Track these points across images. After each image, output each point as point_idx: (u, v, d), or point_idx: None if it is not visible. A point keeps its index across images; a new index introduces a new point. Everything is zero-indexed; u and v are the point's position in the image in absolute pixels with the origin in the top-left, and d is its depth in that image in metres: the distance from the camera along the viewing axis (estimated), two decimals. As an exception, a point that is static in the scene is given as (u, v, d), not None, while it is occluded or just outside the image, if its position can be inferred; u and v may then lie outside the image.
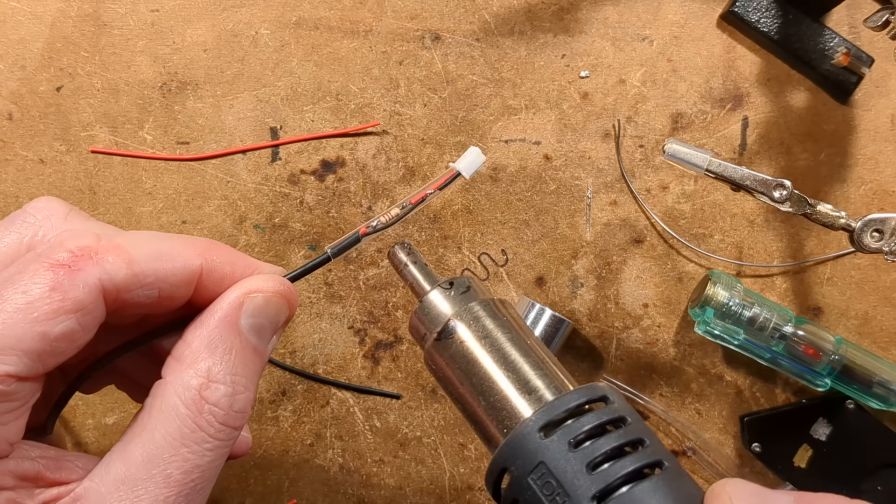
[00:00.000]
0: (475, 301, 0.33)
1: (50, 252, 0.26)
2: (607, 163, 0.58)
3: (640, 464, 0.27)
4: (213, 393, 0.26)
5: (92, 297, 0.25)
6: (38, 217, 0.29)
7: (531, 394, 0.30)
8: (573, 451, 0.27)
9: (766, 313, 0.53)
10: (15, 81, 0.58)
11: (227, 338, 0.28)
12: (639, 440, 0.28)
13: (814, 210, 0.47)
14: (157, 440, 0.26)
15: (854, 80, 0.57)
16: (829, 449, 0.55)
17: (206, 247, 0.29)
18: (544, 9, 0.59)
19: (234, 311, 0.28)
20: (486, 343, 0.31)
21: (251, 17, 0.58)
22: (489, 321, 0.32)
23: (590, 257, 0.57)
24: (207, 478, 0.26)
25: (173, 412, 0.26)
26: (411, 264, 0.35)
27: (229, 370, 0.27)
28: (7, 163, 0.57)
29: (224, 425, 0.27)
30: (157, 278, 0.27)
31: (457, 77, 0.58)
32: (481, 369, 0.31)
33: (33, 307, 0.24)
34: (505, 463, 0.28)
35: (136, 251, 0.27)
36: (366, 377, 0.57)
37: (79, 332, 0.25)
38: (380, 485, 0.56)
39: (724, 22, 0.59)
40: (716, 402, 0.57)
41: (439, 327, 0.32)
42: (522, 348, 0.31)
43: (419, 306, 0.34)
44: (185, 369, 0.27)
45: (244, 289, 0.29)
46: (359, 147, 0.58)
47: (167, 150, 0.58)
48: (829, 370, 0.53)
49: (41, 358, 0.24)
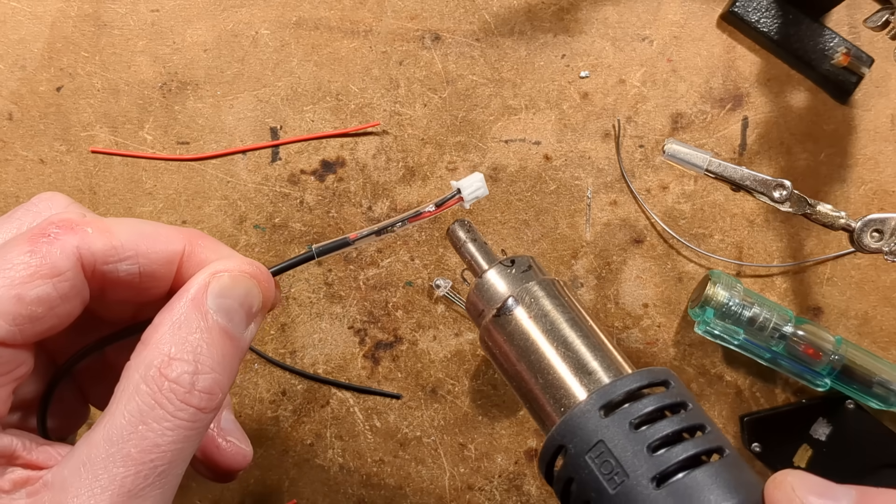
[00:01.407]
0: (535, 280, 0.33)
1: (35, 227, 0.26)
2: (607, 163, 0.58)
3: (700, 449, 0.27)
4: (172, 370, 0.26)
5: (69, 263, 0.25)
6: (40, 207, 0.30)
7: (590, 374, 0.30)
8: (634, 431, 0.27)
9: (766, 313, 0.53)
10: (15, 81, 0.58)
11: (192, 318, 0.27)
12: (699, 426, 0.28)
13: (814, 210, 0.47)
14: (117, 420, 0.25)
15: (854, 80, 0.57)
16: (828, 449, 0.55)
17: (192, 234, 0.29)
18: (544, 9, 0.59)
19: (200, 292, 0.27)
20: (544, 322, 0.31)
21: (251, 17, 0.58)
22: (548, 301, 0.32)
23: (590, 257, 0.57)
24: (169, 460, 0.26)
25: (134, 391, 0.26)
26: (470, 242, 0.35)
27: (192, 349, 0.27)
28: (7, 163, 0.57)
29: (185, 403, 0.26)
30: (136, 252, 0.27)
31: (457, 77, 0.58)
32: (539, 348, 0.31)
33: (10, 271, 0.24)
34: (562, 440, 0.28)
35: (117, 227, 0.27)
36: (366, 377, 0.57)
37: (56, 299, 0.25)
38: (380, 485, 0.56)
39: (724, 22, 0.59)
40: (716, 402, 0.57)
41: (498, 304, 0.32)
42: (582, 330, 0.31)
43: (478, 283, 0.34)
44: (149, 350, 0.26)
45: (211, 269, 0.28)
46: (359, 147, 0.58)
47: (167, 150, 0.58)
48: (828, 370, 0.53)
49: (17, 322, 0.24)
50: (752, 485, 0.27)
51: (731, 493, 0.26)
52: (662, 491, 0.26)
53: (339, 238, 0.33)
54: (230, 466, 0.32)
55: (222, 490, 0.56)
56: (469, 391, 0.57)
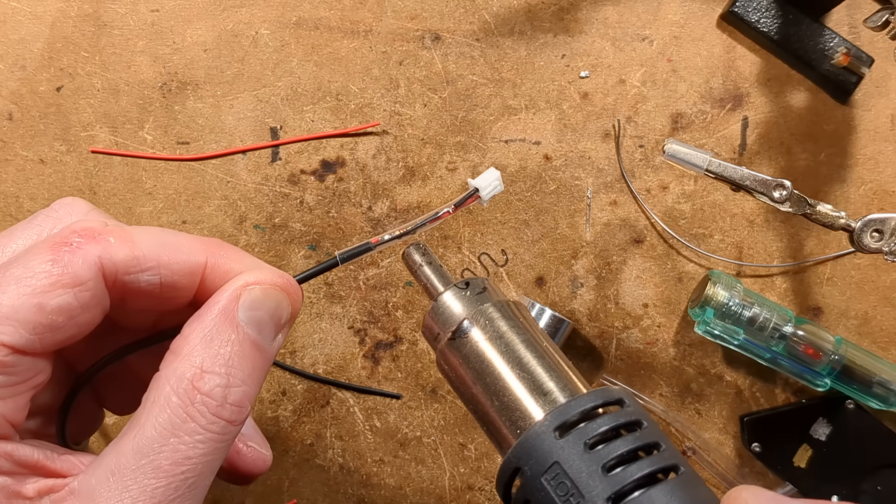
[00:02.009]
0: (490, 302, 0.33)
1: (56, 234, 0.26)
2: (607, 163, 0.58)
3: (656, 467, 0.27)
4: (205, 383, 0.26)
5: (90, 273, 0.25)
6: (60, 213, 0.30)
7: (545, 395, 0.30)
8: (588, 452, 0.27)
9: (766, 313, 0.53)
10: (15, 81, 0.58)
11: (223, 330, 0.27)
12: (654, 444, 0.28)
13: (814, 210, 0.47)
14: (147, 431, 0.25)
15: (854, 80, 0.57)
16: (828, 449, 0.55)
17: (214, 244, 0.29)
18: (544, 9, 0.59)
19: (231, 304, 0.27)
20: (500, 344, 0.31)
21: (251, 17, 0.58)
22: (503, 322, 0.32)
23: (590, 257, 0.57)
24: (199, 472, 0.26)
25: (165, 403, 0.26)
26: (426, 265, 0.35)
27: (224, 361, 0.27)
28: (7, 163, 0.57)
29: (216, 416, 0.26)
30: (158, 264, 0.27)
31: (457, 77, 0.58)
32: (495, 370, 0.31)
33: (31, 280, 0.24)
34: (518, 462, 0.28)
35: (140, 237, 0.27)
36: (366, 377, 0.57)
37: (76, 308, 0.25)
38: (380, 485, 0.56)
39: (724, 22, 0.59)
40: (716, 402, 0.57)
41: (453, 327, 0.32)
42: (537, 350, 0.31)
43: (433, 306, 0.34)
44: (181, 361, 0.26)
45: (241, 281, 0.28)
46: (359, 147, 0.58)
47: (167, 150, 0.58)
48: (828, 370, 0.53)
49: (37, 331, 0.24)
50: (708, 502, 0.27)
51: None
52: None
53: (361, 244, 0.33)
54: (251, 471, 0.32)
55: (222, 490, 0.56)
56: (469, 391, 0.57)
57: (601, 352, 0.57)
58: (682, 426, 0.57)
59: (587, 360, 0.57)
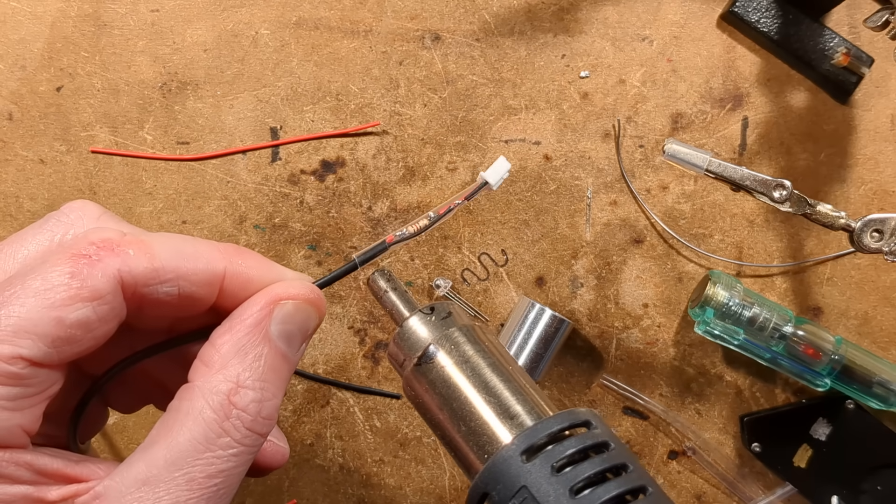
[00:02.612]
0: (455, 327, 0.32)
1: (73, 244, 0.26)
2: (607, 163, 0.58)
3: (623, 489, 0.27)
4: (241, 398, 0.27)
5: (110, 286, 0.25)
6: (72, 217, 0.29)
7: (512, 419, 0.30)
8: (556, 475, 0.27)
9: (766, 313, 0.53)
10: (15, 81, 0.58)
11: (257, 344, 0.28)
12: (622, 465, 0.28)
13: (814, 210, 0.47)
14: (181, 443, 0.26)
15: (854, 80, 0.57)
16: (828, 449, 0.55)
17: (232, 251, 0.29)
18: (544, 9, 0.59)
19: (265, 318, 0.28)
20: (465, 368, 0.31)
21: (251, 17, 0.58)
22: (469, 346, 0.32)
23: (590, 257, 0.57)
24: (230, 483, 0.26)
25: (200, 416, 0.26)
26: (391, 291, 0.35)
27: (259, 376, 0.27)
28: (7, 163, 0.57)
29: (250, 431, 0.27)
30: (177, 275, 0.27)
31: (457, 77, 0.58)
32: (461, 395, 0.31)
33: (50, 293, 0.24)
34: (486, 488, 0.28)
35: (158, 247, 0.27)
36: (366, 377, 0.57)
37: (95, 322, 0.25)
38: (380, 485, 0.56)
39: (724, 22, 0.59)
40: (716, 402, 0.57)
41: (419, 353, 0.32)
42: (503, 374, 0.31)
43: (398, 332, 0.33)
44: (215, 374, 0.27)
45: (275, 294, 0.29)
46: (359, 147, 0.58)
47: (167, 150, 0.58)
48: (828, 370, 0.53)
49: (55, 344, 0.24)
50: None
51: None
52: None
53: (376, 244, 0.33)
54: (270, 465, 0.33)
55: (222, 490, 0.56)
56: (469, 391, 0.57)
57: (601, 352, 0.57)
58: (682, 426, 0.57)
59: (587, 360, 0.57)
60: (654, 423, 0.57)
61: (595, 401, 0.57)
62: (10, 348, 0.23)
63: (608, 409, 0.57)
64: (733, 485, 0.56)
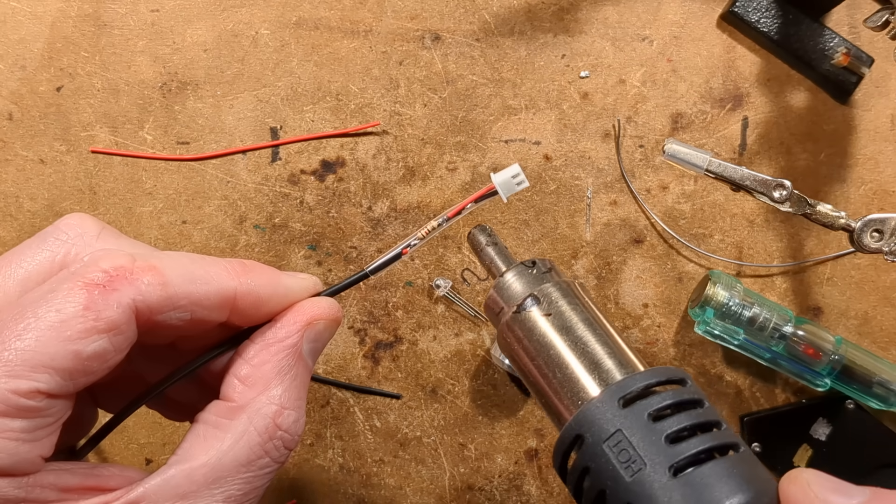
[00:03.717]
0: (554, 281, 0.34)
1: (84, 271, 0.25)
2: (607, 163, 0.58)
3: (717, 443, 0.27)
4: (285, 420, 0.28)
5: (125, 317, 0.25)
6: (71, 234, 0.29)
7: (607, 371, 0.31)
8: (651, 423, 0.27)
9: (766, 313, 0.53)
10: (15, 81, 0.58)
11: (293, 364, 0.29)
12: (714, 422, 0.28)
13: (814, 210, 0.47)
14: (225, 464, 0.26)
15: (854, 80, 0.57)
16: (828, 449, 0.55)
17: (241, 270, 0.29)
18: (544, 9, 0.59)
19: (300, 339, 0.29)
20: (563, 320, 0.32)
21: (251, 17, 0.58)
22: (566, 301, 0.33)
23: (590, 257, 0.57)
24: (260, 495, 0.28)
25: (246, 439, 0.27)
26: (490, 245, 0.36)
27: (297, 395, 0.28)
28: (7, 163, 0.57)
29: (288, 449, 0.28)
30: (190, 301, 0.27)
31: (457, 77, 0.58)
32: (556, 345, 0.32)
33: (66, 326, 0.24)
34: (579, 430, 0.29)
35: (170, 273, 0.27)
36: (366, 377, 0.57)
37: (111, 352, 0.25)
38: (380, 485, 0.56)
39: (724, 22, 0.59)
40: (716, 402, 0.57)
41: (518, 301, 0.33)
42: (599, 329, 0.32)
43: (499, 281, 0.35)
44: (259, 395, 0.28)
45: (309, 315, 0.30)
46: (359, 147, 0.58)
47: (167, 150, 0.58)
48: (828, 370, 0.53)
49: (73, 376, 0.25)
50: (767, 480, 0.27)
51: (746, 486, 0.26)
52: (679, 480, 0.26)
53: (391, 252, 0.34)
54: None
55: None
56: (469, 391, 0.57)
57: (601, 352, 0.57)
58: (682, 426, 0.57)
59: (587, 360, 0.57)
60: (654, 423, 0.57)
61: (595, 401, 0.57)
62: (28, 383, 0.23)
63: (608, 409, 0.57)
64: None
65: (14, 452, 0.24)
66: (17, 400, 0.23)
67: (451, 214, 0.35)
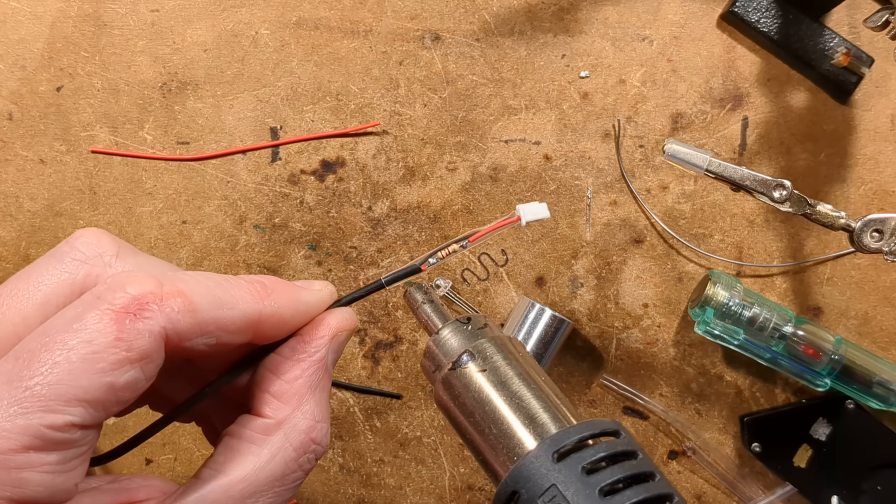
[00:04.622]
0: (489, 337, 0.34)
1: (111, 296, 0.25)
2: (607, 163, 0.58)
3: (651, 494, 0.27)
4: (318, 433, 0.29)
5: (156, 345, 0.25)
6: (88, 253, 0.28)
7: (543, 425, 0.31)
8: (586, 476, 0.28)
9: (766, 313, 0.53)
10: (15, 81, 0.58)
11: (322, 377, 0.30)
12: (649, 473, 0.28)
13: (814, 210, 0.47)
14: (261, 479, 0.27)
15: (854, 80, 0.57)
16: (829, 449, 0.55)
17: (264, 292, 0.29)
18: (544, 9, 0.59)
19: (328, 351, 0.30)
20: (500, 375, 0.33)
21: (251, 17, 0.58)
22: (503, 355, 0.33)
23: (590, 257, 0.57)
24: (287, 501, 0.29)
25: (281, 455, 0.28)
26: (427, 303, 0.37)
27: (326, 406, 0.29)
28: (7, 163, 0.57)
29: (317, 459, 0.29)
30: (217, 327, 0.27)
31: (457, 77, 0.58)
32: (492, 400, 0.32)
33: (99, 358, 0.24)
34: (515, 486, 0.29)
35: (198, 298, 0.26)
36: (366, 377, 0.57)
37: (142, 381, 0.25)
38: (380, 485, 0.56)
39: (724, 22, 0.59)
40: (716, 402, 0.57)
41: (454, 358, 0.34)
42: (535, 383, 0.33)
43: (434, 339, 0.35)
44: (294, 411, 0.28)
45: (334, 329, 0.30)
46: (359, 147, 0.58)
47: (167, 150, 0.58)
48: (829, 370, 0.53)
49: (105, 407, 0.25)
50: None
51: None
52: None
53: (409, 265, 0.34)
54: None
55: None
56: (469, 391, 0.57)
57: (601, 352, 0.57)
58: (682, 426, 0.57)
59: (587, 360, 0.57)
60: (654, 423, 0.57)
61: (595, 401, 0.57)
62: (62, 417, 0.23)
63: (608, 409, 0.57)
64: (733, 485, 0.56)
65: (51, 485, 0.24)
66: (52, 434, 0.23)
67: (473, 239, 0.36)
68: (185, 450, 0.58)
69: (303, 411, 0.28)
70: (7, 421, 0.23)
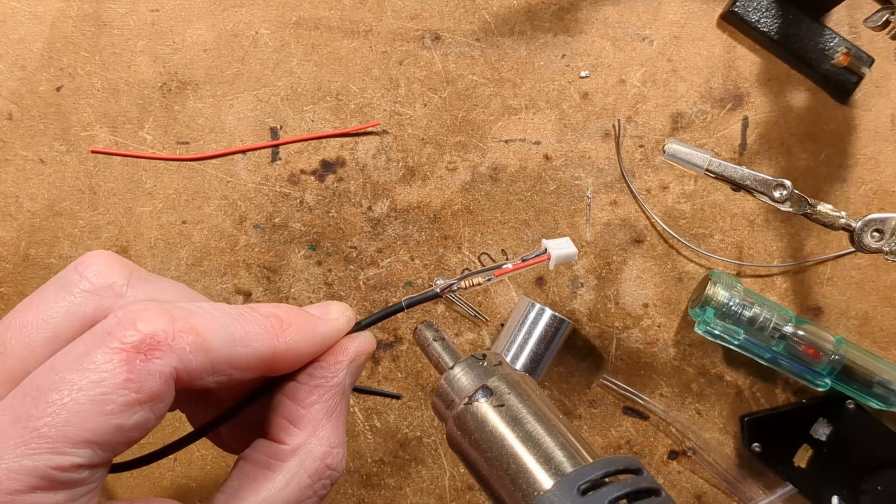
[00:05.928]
0: (503, 374, 0.34)
1: (121, 333, 0.24)
2: (607, 163, 0.58)
3: None
4: (334, 458, 0.28)
5: (167, 387, 0.25)
6: (97, 284, 0.28)
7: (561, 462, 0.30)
8: None
9: (766, 313, 0.53)
10: (15, 81, 0.58)
11: (339, 401, 0.29)
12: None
13: (814, 210, 0.47)
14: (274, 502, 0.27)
15: (854, 80, 0.57)
16: (829, 449, 0.55)
17: (279, 328, 0.28)
18: (544, 9, 0.59)
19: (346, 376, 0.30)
20: (516, 412, 0.32)
21: (251, 17, 0.58)
22: (518, 392, 0.33)
23: (590, 257, 0.57)
24: None
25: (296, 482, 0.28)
26: (438, 341, 0.36)
27: (343, 431, 0.29)
28: (7, 163, 0.57)
29: (332, 483, 0.29)
30: (230, 365, 0.26)
31: (457, 77, 0.58)
32: (511, 435, 0.31)
33: (108, 399, 0.23)
34: None
35: (211, 336, 0.26)
36: (366, 377, 0.57)
37: (152, 421, 0.25)
38: (380, 485, 0.56)
39: (724, 22, 0.59)
40: (716, 402, 0.57)
41: (470, 393, 0.33)
42: (551, 421, 0.32)
43: (448, 374, 0.34)
44: (310, 437, 0.28)
45: (352, 354, 0.30)
46: (359, 147, 0.58)
47: (167, 150, 0.58)
48: (829, 370, 0.53)
49: (114, 448, 0.24)
50: None
51: None
52: None
53: (428, 290, 0.35)
54: None
55: (222, 490, 0.56)
56: (469, 391, 0.57)
57: (601, 352, 0.57)
58: (683, 426, 0.57)
59: (587, 360, 0.57)
60: (655, 423, 0.57)
61: (595, 401, 0.57)
62: (70, 459, 0.23)
63: (608, 409, 0.57)
64: (733, 485, 0.56)
65: None
66: (59, 475, 0.23)
67: (498, 274, 0.36)
68: (184, 450, 0.58)
69: (318, 437, 0.28)
70: (14, 462, 0.22)
